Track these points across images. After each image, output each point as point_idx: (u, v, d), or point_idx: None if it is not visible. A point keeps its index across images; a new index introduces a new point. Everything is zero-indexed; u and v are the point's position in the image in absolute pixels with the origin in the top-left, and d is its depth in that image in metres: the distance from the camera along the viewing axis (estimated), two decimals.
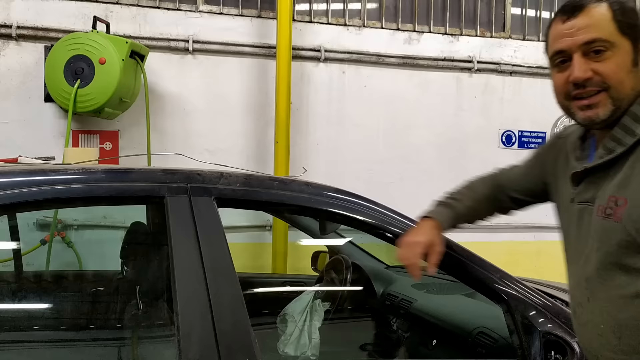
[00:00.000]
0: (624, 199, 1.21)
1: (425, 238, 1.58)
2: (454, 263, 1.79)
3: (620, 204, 1.21)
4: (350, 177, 4.40)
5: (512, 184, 1.69)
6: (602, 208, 1.26)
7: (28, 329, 2.15)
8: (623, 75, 1.23)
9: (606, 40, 1.22)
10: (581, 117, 1.28)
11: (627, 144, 1.23)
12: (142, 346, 2.14)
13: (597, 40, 1.23)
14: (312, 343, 2.09)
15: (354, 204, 1.81)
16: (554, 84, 1.33)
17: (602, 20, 1.23)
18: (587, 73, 1.23)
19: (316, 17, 4.61)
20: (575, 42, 1.24)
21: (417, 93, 4.70)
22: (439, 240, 1.60)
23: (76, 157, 2.42)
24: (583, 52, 1.24)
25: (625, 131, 1.24)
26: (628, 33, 1.24)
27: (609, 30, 1.23)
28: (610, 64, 1.23)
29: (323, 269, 2.65)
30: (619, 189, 1.23)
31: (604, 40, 1.22)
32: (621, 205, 1.21)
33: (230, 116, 4.39)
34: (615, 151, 1.25)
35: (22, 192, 1.49)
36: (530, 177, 1.63)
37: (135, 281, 2.28)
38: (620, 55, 1.23)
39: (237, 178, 1.70)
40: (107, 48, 3.66)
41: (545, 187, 1.57)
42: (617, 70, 1.22)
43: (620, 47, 1.23)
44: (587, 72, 1.23)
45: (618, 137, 1.25)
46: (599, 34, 1.22)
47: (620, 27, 1.23)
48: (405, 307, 2.40)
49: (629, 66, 1.23)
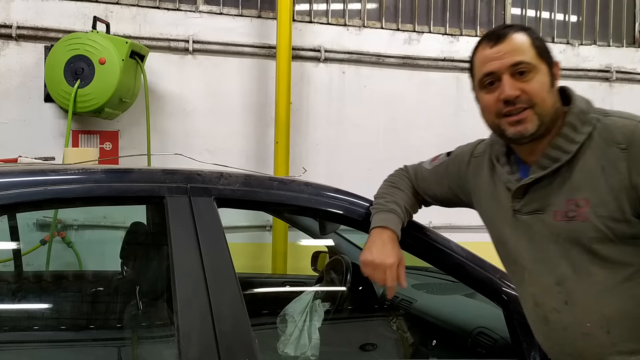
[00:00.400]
0: (585, 199, 1.33)
1: (396, 258, 1.58)
2: (454, 263, 1.79)
3: (582, 204, 1.33)
4: (350, 177, 4.39)
5: (424, 189, 1.77)
6: (562, 212, 1.37)
7: (28, 329, 2.15)
8: (545, 94, 1.38)
9: (529, 63, 1.38)
10: (512, 132, 1.39)
11: (572, 151, 1.36)
12: (142, 346, 2.14)
13: (522, 62, 1.37)
14: (312, 343, 2.09)
15: (354, 204, 1.81)
16: (483, 105, 1.45)
17: (524, 45, 1.39)
18: (516, 91, 1.36)
19: (316, 17, 4.61)
20: (504, 64, 1.38)
21: (417, 93, 4.71)
22: (401, 253, 1.61)
23: (76, 157, 2.42)
24: (510, 74, 1.38)
25: (567, 140, 1.37)
26: (544, 57, 1.41)
27: (530, 54, 1.38)
28: (534, 83, 1.37)
29: (323, 269, 2.65)
30: (577, 192, 1.35)
31: (527, 62, 1.37)
32: (583, 206, 1.33)
33: (230, 116, 4.39)
34: (560, 159, 1.37)
35: (22, 192, 1.49)
36: (442, 187, 1.73)
37: (135, 281, 2.28)
38: (541, 76, 1.38)
39: (237, 178, 1.70)
40: (107, 48, 3.66)
41: (459, 199, 1.70)
42: (540, 89, 1.37)
43: (540, 69, 1.39)
44: (516, 90, 1.36)
45: (562, 146, 1.37)
46: (523, 57, 1.38)
47: (538, 52, 1.40)
48: (405, 307, 2.40)
49: (548, 86, 1.39)
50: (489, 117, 1.44)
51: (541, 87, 1.37)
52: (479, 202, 1.62)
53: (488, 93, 1.42)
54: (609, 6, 5.24)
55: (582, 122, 1.37)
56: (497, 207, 1.52)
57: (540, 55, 1.39)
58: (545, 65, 1.40)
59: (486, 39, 1.44)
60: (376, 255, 1.57)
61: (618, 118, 1.35)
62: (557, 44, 5.08)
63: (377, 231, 1.62)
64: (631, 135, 1.29)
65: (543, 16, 5.12)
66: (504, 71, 1.38)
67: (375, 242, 1.60)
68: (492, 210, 1.54)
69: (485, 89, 1.43)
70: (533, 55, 1.38)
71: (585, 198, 1.33)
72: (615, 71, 5.13)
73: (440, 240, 1.82)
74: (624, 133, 1.30)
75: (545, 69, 1.40)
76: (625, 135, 1.30)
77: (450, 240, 1.84)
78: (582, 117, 1.37)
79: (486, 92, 1.43)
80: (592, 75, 5.12)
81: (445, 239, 1.84)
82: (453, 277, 1.86)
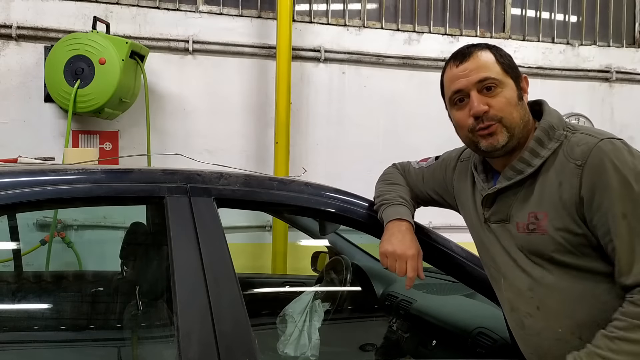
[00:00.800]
0: (544, 213, 1.39)
1: (416, 249, 1.59)
2: (453, 263, 1.79)
3: (541, 217, 1.39)
4: (350, 177, 4.38)
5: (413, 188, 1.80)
6: (524, 225, 1.43)
7: (28, 329, 2.15)
8: (511, 107, 1.42)
9: (495, 79, 1.42)
10: (484, 145, 1.44)
11: (535, 165, 1.41)
12: (141, 346, 2.14)
13: (487, 78, 1.42)
14: (311, 343, 2.09)
15: (354, 204, 1.81)
16: (456, 122, 1.51)
17: (489, 62, 1.44)
18: (484, 106, 1.42)
19: (316, 17, 4.61)
20: (470, 81, 1.43)
21: (417, 93, 4.70)
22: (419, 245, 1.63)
23: (76, 158, 2.42)
24: (478, 90, 1.43)
25: (533, 154, 1.42)
26: (510, 73, 1.45)
27: (496, 70, 1.44)
28: (501, 98, 1.42)
29: (323, 269, 2.65)
30: (537, 205, 1.40)
31: (493, 78, 1.42)
32: (542, 219, 1.39)
33: (230, 116, 4.39)
34: (524, 172, 1.42)
35: (22, 192, 1.49)
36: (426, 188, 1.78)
37: (135, 281, 2.28)
38: (507, 91, 1.43)
39: (236, 178, 1.70)
40: (107, 48, 3.66)
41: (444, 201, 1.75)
42: (507, 103, 1.42)
43: (507, 84, 1.43)
44: (484, 105, 1.42)
45: (527, 160, 1.42)
46: (489, 73, 1.43)
47: (503, 68, 1.44)
48: (405, 307, 2.40)
49: (515, 100, 1.43)
50: (462, 133, 1.50)
51: (508, 101, 1.42)
52: (462, 206, 1.67)
53: (459, 110, 1.47)
54: (609, 6, 5.24)
55: (550, 137, 1.41)
56: (474, 213, 1.58)
57: (505, 71, 1.44)
58: (511, 80, 1.44)
59: (452, 59, 1.50)
60: (397, 246, 1.58)
61: (583, 135, 1.38)
62: (557, 44, 5.08)
63: (394, 223, 1.64)
64: (588, 152, 1.33)
65: (543, 16, 5.12)
66: (471, 88, 1.43)
67: (394, 234, 1.61)
68: (471, 215, 1.60)
69: (457, 106, 1.48)
70: (498, 71, 1.43)
71: (544, 212, 1.38)
72: (615, 71, 5.13)
73: (440, 241, 1.82)
74: (582, 150, 1.34)
75: (512, 84, 1.44)
76: (583, 153, 1.34)
77: (450, 241, 1.84)
78: (550, 133, 1.41)
79: (457, 109, 1.48)
80: (592, 76, 5.12)
81: (445, 239, 1.84)
82: (453, 277, 1.86)
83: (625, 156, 1.31)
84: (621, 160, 1.30)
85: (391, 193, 1.74)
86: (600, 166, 1.31)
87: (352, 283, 2.39)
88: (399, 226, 1.62)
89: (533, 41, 5.03)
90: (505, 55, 1.48)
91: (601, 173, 1.30)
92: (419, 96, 4.72)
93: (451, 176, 1.71)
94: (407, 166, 1.86)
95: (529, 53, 4.96)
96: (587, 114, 5.06)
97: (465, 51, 1.48)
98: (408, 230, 1.62)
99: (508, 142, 1.42)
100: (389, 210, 1.68)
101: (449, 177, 1.71)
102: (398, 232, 1.61)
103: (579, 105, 5.08)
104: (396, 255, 1.57)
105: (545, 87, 4.92)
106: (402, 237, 1.60)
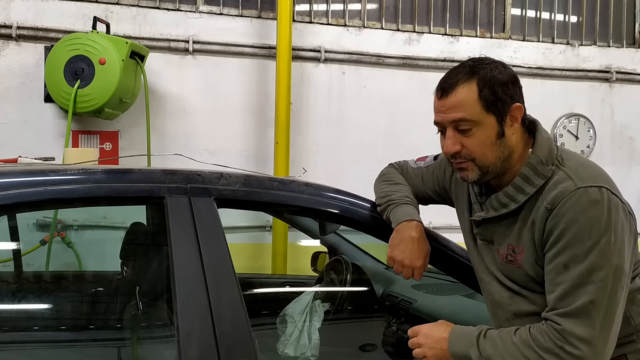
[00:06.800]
0: (521, 247, 1.41)
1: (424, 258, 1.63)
2: (454, 263, 1.79)
3: (518, 251, 1.42)
4: (350, 177, 4.38)
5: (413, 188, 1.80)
6: (504, 254, 1.46)
7: (28, 329, 2.15)
8: (485, 149, 1.39)
9: (470, 120, 1.38)
10: (459, 176, 1.48)
11: (520, 201, 1.40)
12: (142, 346, 2.14)
13: (462, 120, 1.39)
14: (311, 344, 2.09)
15: (354, 204, 1.81)
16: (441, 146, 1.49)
17: (468, 101, 1.38)
18: (455, 147, 1.41)
19: (316, 17, 4.61)
20: (445, 119, 1.42)
21: (417, 94, 4.70)
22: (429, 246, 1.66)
23: (76, 158, 2.42)
24: (454, 127, 1.41)
25: (518, 190, 1.41)
26: (493, 110, 1.38)
27: (474, 110, 1.38)
28: (475, 140, 1.39)
29: (323, 269, 2.65)
30: (516, 239, 1.43)
31: (468, 120, 1.38)
32: (519, 253, 1.42)
33: (230, 116, 4.39)
34: (508, 207, 1.42)
35: (22, 193, 1.49)
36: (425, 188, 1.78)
37: (135, 282, 2.28)
38: (484, 131, 1.39)
39: (236, 179, 1.70)
40: (107, 48, 3.66)
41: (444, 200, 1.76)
42: (480, 145, 1.39)
43: (485, 124, 1.38)
44: (455, 146, 1.41)
45: (512, 195, 1.42)
46: (465, 114, 1.38)
47: (485, 105, 1.38)
48: (405, 307, 2.40)
49: (492, 140, 1.39)
50: (445, 157, 1.50)
51: (482, 143, 1.39)
52: (457, 209, 1.68)
53: (442, 136, 1.48)
54: (609, 6, 5.24)
55: (537, 173, 1.39)
56: (467, 222, 1.60)
57: (487, 109, 1.38)
58: (492, 118, 1.38)
59: (438, 88, 1.46)
60: (407, 254, 1.59)
61: (565, 176, 1.35)
62: (557, 44, 5.08)
63: (405, 225, 1.62)
64: (560, 199, 1.32)
65: (543, 16, 5.11)
66: (447, 125, 1.42)
67: (404, 240, 1.61)
68: (465, 222, 1.62)
69: (440, 132, 1.48)
70: (477, 111, 1.38)
71: (521, 246, 1.41)
72: (615, 72, 5.13)
73: (441, 241, 1.82)
74: (555, 196, 1.33)
75: (492, 122, 1.39)
76: (555, 198, 1.33)
77: (450, 241, 1.85)
78: (537, 169, 1.39)
79: (441, 135, 1.48)
80: (592, 76, 5.12)
81: (445, 239, 1.84)
82: (453, 277, 1.86)
83: (593, 212, 1.29)
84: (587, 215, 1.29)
85: (397, 193, 1.73)
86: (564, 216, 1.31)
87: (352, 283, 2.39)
88: (409, 230, 1.61)
89: (533, 41, 5.03)
90: (497, 83, 1.39)
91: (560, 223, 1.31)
92: (419, 96, 4.71)
93: (450, 178, 1.71)
94: (405, 166, 1.85)
95: (529, 53, 4.96)
96: (587, 114, 5.06)
97: (447, 84, 1.42)
98: (419, 233, 1.62)
99: (481, 178, 1.43)
100: (397, 211, 1.67)
101: (448, 179, 1.71)
102: (408, 238, 1.60)
103: (579, 105, 5.08)
104: (404, 265, 1.59)
105: (545, 87, 4.92)
106: (412, 244, 1.60)
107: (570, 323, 1.29)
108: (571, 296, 1.30)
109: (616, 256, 1.30)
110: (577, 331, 1.28)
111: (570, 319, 1.29)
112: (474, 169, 1.42)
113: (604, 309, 1.29)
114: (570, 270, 1.30)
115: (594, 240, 1.29)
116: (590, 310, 1.28)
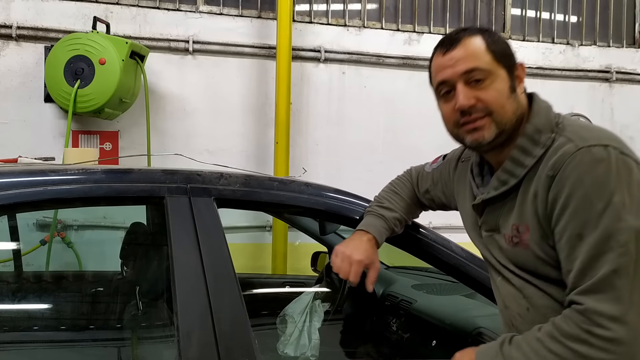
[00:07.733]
0: (526, 225, 1.28)
1: (364, 257, 1.58)
2: (454, 263, 1.79)
3: (522, 230, 1.29)
4: (350, 177, 4.40)
5: (423, 193, 1.75)
6: (509, 237, 1.33)
7: (28, 329, 2.15)
8: (503, 100, 1.29)
9: (484, 69, 1.29)
10: (470, 140, 1.34)
11: (519, 176, 1.29)
12: (141, 346, 2.14)
13: (475, 69, 1.29)
14: (311, 344, 2.09)
15: (354, 204, 1.81)
16: (442, 114, 1.40)
17: (478, 50, 1.31)
18: (470, 100, 1.29)
19: (316, 17, 4.61)
20: (456, 72, 1.31)
21: (417, 93, 4.70)
22: (376, 257, 1.62)
23: (76, 158, 2.42)
24: (465, 81, 1.30)
25: (516, 163, 1.30)
26: (502, 62, 1.31)
27: (486, 59, 1.30)
28: (491, 90, 1.29)
29: (323, 269, 2.65)
30: (519, 217, 1.30)
31: (481, 69, 1.29)
32: (523, 232, 1.29)
33: (230, 116, 4.40)
34: (508, 183, 1.32)
35: (22, 193, 1.49)
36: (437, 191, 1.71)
37: (135, 281, 2.28)
38: (498, 82, 1.30)
39: (237, 178, 1.70)
40: (107, 48, 3.67)
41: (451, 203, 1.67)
42: (497, 96, 1.29)
43: (498, 75, 1.30)
44: (470, 100, 1.29)
45: (510, 170, 1.31)
46: (477, 63, 1.29)
47: (495, 57, 1.31)
48: (405, 307, 2.40)
49: (507, 92, 1.30)
50: (448, 126, 1.39)
51: (499, 94, 1.29)
52: (460, 208, 1.61)
53: (446, 102, 1.36)
54: (609, 6, 5.25)
55: (535, 142, 1.28)
56: (471, 218, 1.51)
57: (497, 60, 1.30)
58: (503, 70, 1.31)
59: (440, 45, 1.38)
60: (350, 249, 1.59)
61: (566, 139, 1.23)
62: (557, 44, 5.09)
63: (359, 233, 1.64)
64: (561, 163, 1.20)
65: (543, 16, 5.12)
66: (457, 79, 1.31)
67: (353, 239, 1.63)
68: (468, 219, 1.53)
69: (443, 98, 1.37)
70: (489, 61, 1.30)
71: (525, 224, 1.28)
72: (615, 72, 5.13)
73: (440, 241, 1.82)
74: (555, 161, 1.21)
75: (504, 74, 1.31)
76: (556, 164, 1.21)
77: (450, 241, 1.84)
78: (535, 138, 1.28)
79: (444, 101, 1.37)
80: (592, 76, 5.12)
81: (445, 239, 1.84)
82: (453, 277, 1.86)
83: (599, 170, 1.16)
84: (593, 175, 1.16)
85: (383, 203, 1.72)
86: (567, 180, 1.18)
87: None
88: (360, 236, 1.63)
89: (533, 41, 5.03)
90: (499, 40, 1.34)
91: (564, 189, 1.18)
92: (419, 96, 4.72)
93: (452, 177, 1.65)
94: (422, 171, 1.79)
95: (529, 53, 4.96)
96: (587, 114, 5.06)
97: (454, 37, 1.34)
98: (368, 241, 1.61)
99: (496, 138, 1.30)
100: (365, 219, 1.68)
101: (451, 178, 1.65)
102: (357, 239, 1.62)
103: (579, 105, 5.08)
104: (343, 256, 1.58)
105: (545, 87, 4.92)
106: (358, 243, 1.60)
107: (594, 300, 1.12)
108: (591, 269, 1.13)
109: (635, 216, 1.13)
110: (603, 308, 1.11)
111: (593, 295, 1.12)
112: (490, 126, 1.29)
113: (630, 278, 1.11)
114: (585, 240, 1.15)
115: (606, 201, 1.13)
116: (614, 281, 1.11)
